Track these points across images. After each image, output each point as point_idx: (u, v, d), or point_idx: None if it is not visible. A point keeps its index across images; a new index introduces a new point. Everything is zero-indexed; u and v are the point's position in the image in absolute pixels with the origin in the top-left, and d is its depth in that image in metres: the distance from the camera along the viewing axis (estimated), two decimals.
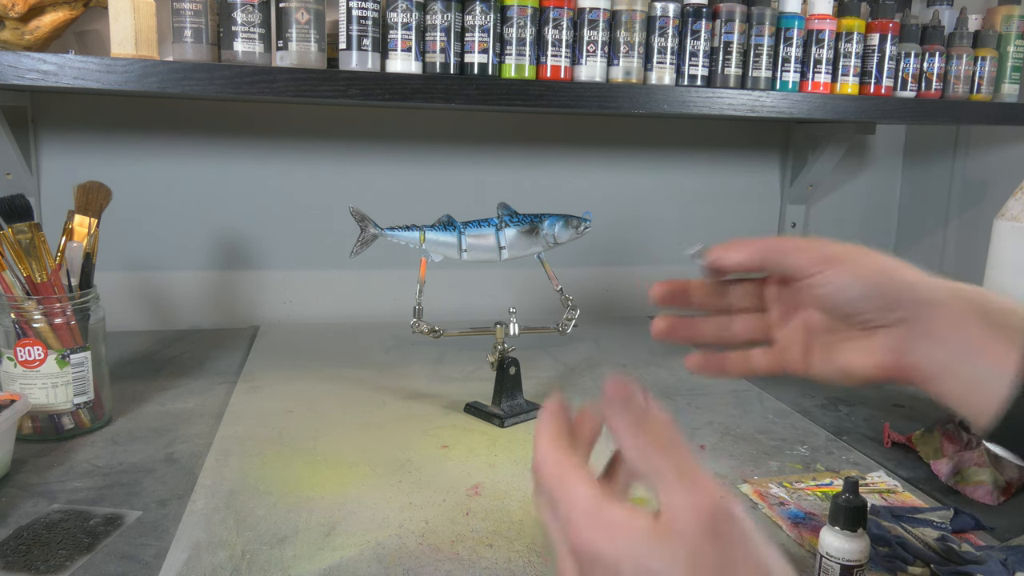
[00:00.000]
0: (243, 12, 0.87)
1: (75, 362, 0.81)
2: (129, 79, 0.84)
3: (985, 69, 1.18)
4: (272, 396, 0.95)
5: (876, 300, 0.45)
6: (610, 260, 1.43)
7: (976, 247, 1.38)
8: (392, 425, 0.87)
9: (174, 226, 1.25)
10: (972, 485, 0.74)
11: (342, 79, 0.89)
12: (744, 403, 0.97)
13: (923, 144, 1.50)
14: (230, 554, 0.61)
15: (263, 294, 1.30)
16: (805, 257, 0.46)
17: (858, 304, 0.45)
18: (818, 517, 0.68)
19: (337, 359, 1.10)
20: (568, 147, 1.38)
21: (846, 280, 0.45)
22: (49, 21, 0.91)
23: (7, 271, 0.79)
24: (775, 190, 1.50)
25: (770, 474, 0.78)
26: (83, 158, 1.19)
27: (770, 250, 0.47)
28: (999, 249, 0.85)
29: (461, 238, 0.88)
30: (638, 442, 0.36)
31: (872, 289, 0.44)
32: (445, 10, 0.93)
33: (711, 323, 0.53)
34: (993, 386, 0.41)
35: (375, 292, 1.34)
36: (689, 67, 1.03)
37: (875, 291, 0.44)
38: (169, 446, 0.81)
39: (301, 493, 0.71)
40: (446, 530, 0.65)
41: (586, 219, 0.92)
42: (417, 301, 0.88)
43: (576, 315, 0.93)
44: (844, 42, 1.09)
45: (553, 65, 0.97)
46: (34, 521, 0.65)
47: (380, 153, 1.30)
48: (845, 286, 0.45)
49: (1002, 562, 0.59)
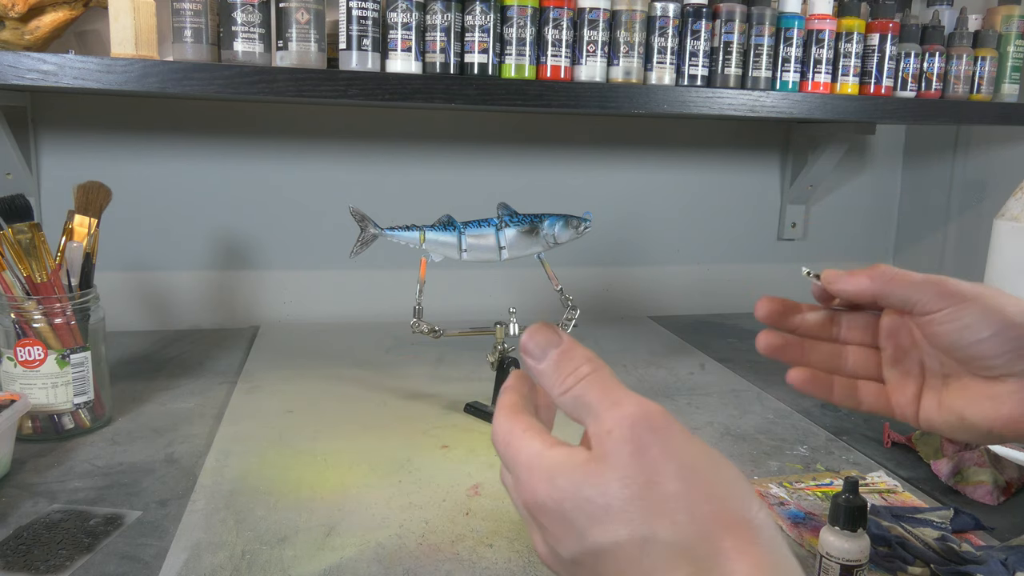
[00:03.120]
0: (243, 12, 0.87)
1: (75, 362, 0.81)
2: (129, 79, 0.84)
3: (985, 69, 1.18)
4: (272, 396, 0.95)
5: (1007, 344, 0.41)
6: (610, 260, 1.43)
7: (976, 247, 1.38)
8: (392, 425, 0.87)
9: (174, 226, 1.25)
10: (972, 485, 0.74)
11: (342, 79, 0.89)
12: (744, 403, 0.97)
13: (923, 144, 1.50)
14: (230, 554, 0.61)
15: (263, 294, 1.31)
16: (931, 291, 0.42)
17: (986, 346, 0.41)
18: (818, 517, 0.68)
19: (337, 359, 1.10)
20: (568, 147, 1.38)
21: (974, 319, 0.41)
22: (49, 21, 0.91)
23: (7, 271, 0.79)
24: (775, 190, 1.50)
25: (770, 474, 0.78)
26: (83, 158, 1.19)
27: (892, 280, 0.44)
28: (999, 249, 0.85)
29: (461, 238, 0.88)
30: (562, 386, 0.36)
31: (1003, 331, 0.41)
32: (445, 10, 0.93)
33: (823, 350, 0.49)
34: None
35: (375, 292, 1.34)
36: (689, 67, 1.03)
37: (1006, 334, 0.41)
38: (169, 446, 0.81)
39: (301, 493, 0.71)
40: (446, 530, 0.65)
41: (586, 219, 0.92)
42: (417, 301, 0.88)
43: (576, 315, 0.93)
44: (844, 42, 1.09)
45: (553, 65, 0.97)
46: (34, 521, 0.65)
47: (380, 153, 1.30)
48: (973, 325, 0.41)
49: (1002, 562, 0.59)
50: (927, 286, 0.43)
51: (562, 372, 0.36)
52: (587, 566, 0.33)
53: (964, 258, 1.42)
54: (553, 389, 0.37)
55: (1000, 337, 0.41)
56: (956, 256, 1.43)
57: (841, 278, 0.45)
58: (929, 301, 0.42)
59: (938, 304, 0.42)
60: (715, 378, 1.07)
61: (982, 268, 0.88)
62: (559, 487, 0.33)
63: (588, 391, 0.35)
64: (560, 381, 0.36)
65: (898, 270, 0.45)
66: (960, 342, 0.42)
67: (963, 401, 0.43)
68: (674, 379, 1.06)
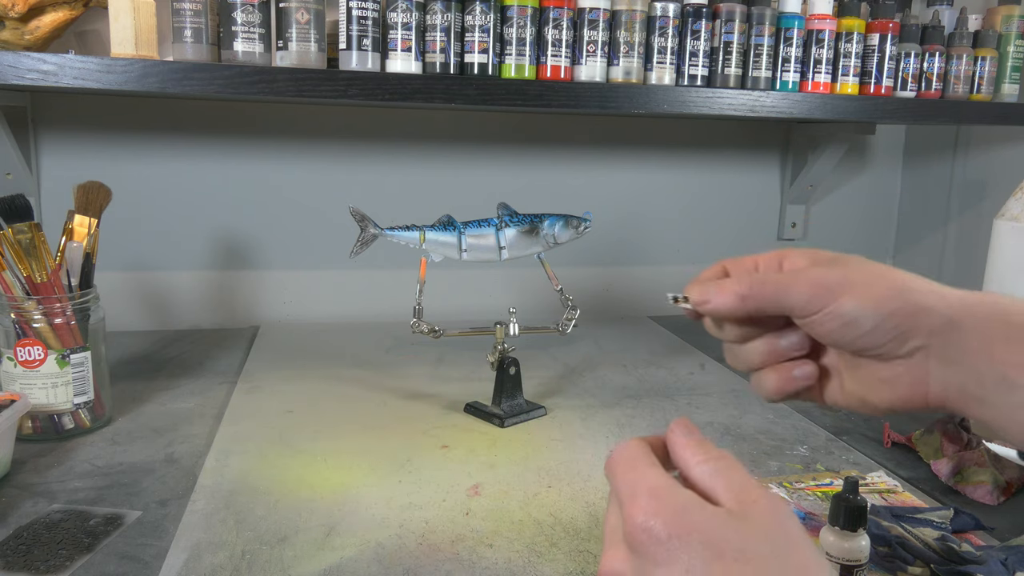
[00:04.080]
0: (243, 12, 0.86)
1: (75, 362, 0.81)
2: (129, 79, 0.84)
3: (985, 69, 1.18)
4: (272, 396, 0.95)
5: (890, 331, 0.40)
6: (610, 260, 1.43)
7: (976, 247, 1.38)
8: (392, 425, 0.87)
9: (174, 226, 1.25)
10: (972, 485, 0.74)
11: (342, 79, 0.89)
12: (744, 403, 0.97)
13: (923, 144, 1.50)
14: (230, 554, 0.61)
15: (263, 294, 1.30)
16: (804, 291, 0.41)
17: (869, 339, 0.41)
18: (818, 517, 0.68)
19: (337, 359, 1.10)
20: (568, 147, 1.38)
21: (852, 314, 0.40)
22: (49, 21, 0.91)
23: (7, 271, 0.79)
24: (775, 190, 1.50)
25: (770, 474, 0.78)
26: (83, 158, 1.19)
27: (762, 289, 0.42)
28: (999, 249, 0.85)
29: (461, 238, 0.88)
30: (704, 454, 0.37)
31: (884, 319, 0.40)
32: (445, 10, 0.93)
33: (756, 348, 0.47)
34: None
35: (375, 292, 1.34)
36: (689, 67, 1.03)
37: (887, 321, 0.40)
38: (169, 446, 0.81)
39: (301, 493, 0.71)
40: (446, 530, 0.65)
41: (586, 219, 0.92)
42: (417, 301, 0.88)
43: (576, 315, 0.93)
44: (844, 42, 1.09)
45: (553, 65, 0.97)
46: (34, 521, 0.65)
47: (380, 153, 1.30)
48: (852, 321, 0.40)
49: (1002, 562, 0.59)
50: (796, 288, 0.41)
51: (706, 448, 0.38)
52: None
53: (964, 258, 1.41)
54: (692, 458, 0.37)
55: (881, 328, 0.40)
56: (956, 256, 1.43)
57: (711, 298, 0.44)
58: (803, 305, 0.41)
59: (812, 306, 0.41)
60: (715, 378, 1.07)
61: (982, 268, 0.88)
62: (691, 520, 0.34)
63: (731, 468, 0.36)
64: (703, 451, 0.37)
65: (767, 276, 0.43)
66: (843, 339, 0.41)
67: (862, 386, 0.44)
68: (674, 379, 1.06)
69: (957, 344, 0.40)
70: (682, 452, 0.38)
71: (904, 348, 0.41)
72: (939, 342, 0.40)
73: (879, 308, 0.40)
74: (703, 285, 0.45)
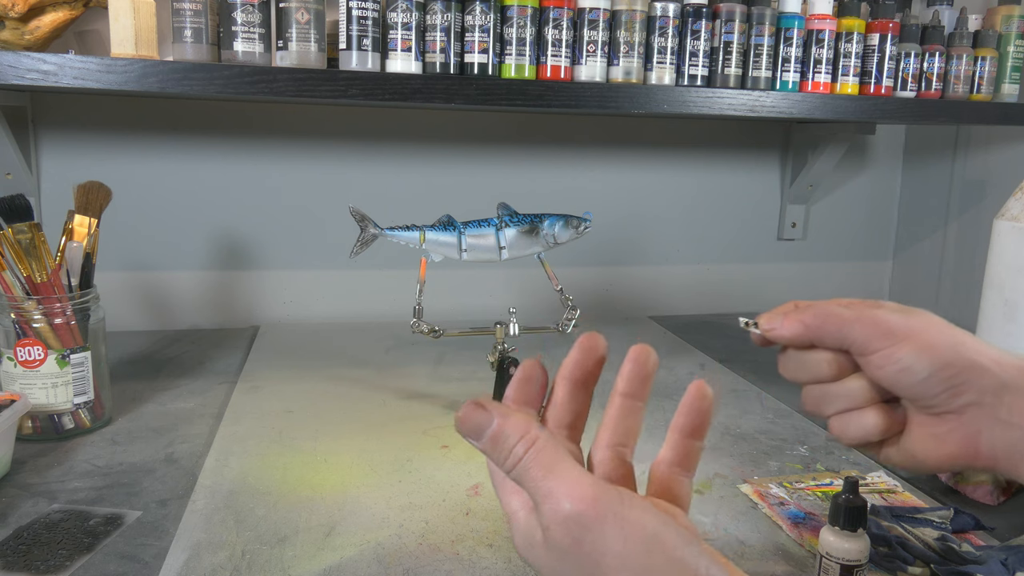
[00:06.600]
0: (243, 12, 0.86)
1: (75, 362, 0.81)
2: (129, 79, 0.84)
3: (985, 69, 1.18)
4: (272, 396, 0.95)
5: (942, 384, 0.41)
6: (610, 260, 1.43)
7: (976, 247, 1.38)
8: (392, 425, 0.87)
9: (174, 226, 1.25)
10: (972, 485, 0.74)
11: (342, 79, 0.89)
12: (744, 403, 0.97)
13: (923, 144, 1.50)
14: (230, 554, 0.61)
15: (263, 294, 1.30)
16: (866, 330, 0.42)
17: (923, 387, 0.41)
18: (818, 517, 0.68)
19: (337, 359, 1.10)
20: (568, 147, 1.38)
21: (910, 360, 0.41)
22: (49, 21, 0.91)
23: (7, 271, 0.79)
24: (775, 190, 1.50)
25: (770, 474, 0.78)
26: (83, 158, 1.19)
27: (826, 320, 0.43)
28: (999, 249, 0.85)
29: (461, 238, 0.88)
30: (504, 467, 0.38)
31: (938, 370, 0.41)
32: (445, 10, 0.93)
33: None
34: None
35: (375, 292, 1.34)
36: (689, 67, 1.03)
37: (941, 371, 0.41)
38: (169, 446, 0.81)
39: (301, 493, 0.71)
40: (446, 530, 0.65)
41: (586, 219, 0.92)
42: (417, 301, 0.88)
43: (576, 315, 0.93)
44: (844, 42, 1.09)
45: (553, 65, 0.97)
46: (34, 521, 0.65)
47: (380, 153, 1.30)
48: (909, 367, 0.41)
49: (1002, 562, 0.59)
50: (859, 325, 0.42)
51: (500, 455, 0.37)
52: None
53: (964, 258, 1.41)
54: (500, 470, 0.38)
55: (935, 378, 0.41)
56: (956, 256, 1.43)
57: (777, 325, 0.45)
58: (864, 342, 0.42)
59: (873, 345, 0.42)
60: (715, 378, 1.07)
61: (982, 268, 0.88)
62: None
63: (524, 477, 0.37)
64: (501, 463, 0.37)
65: (833, 308, 0.44)
66: (899, 384, 0.42)
67: (914, 442, 0.44)
68: (674, 379, 1.06)
69: (1010, 406, 0.40)
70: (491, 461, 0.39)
71: (957, 402, 0.41)
72: (992, 401, 0.41)
73: (934, 358, 0.41)
74: (772, 313, 0.46)
